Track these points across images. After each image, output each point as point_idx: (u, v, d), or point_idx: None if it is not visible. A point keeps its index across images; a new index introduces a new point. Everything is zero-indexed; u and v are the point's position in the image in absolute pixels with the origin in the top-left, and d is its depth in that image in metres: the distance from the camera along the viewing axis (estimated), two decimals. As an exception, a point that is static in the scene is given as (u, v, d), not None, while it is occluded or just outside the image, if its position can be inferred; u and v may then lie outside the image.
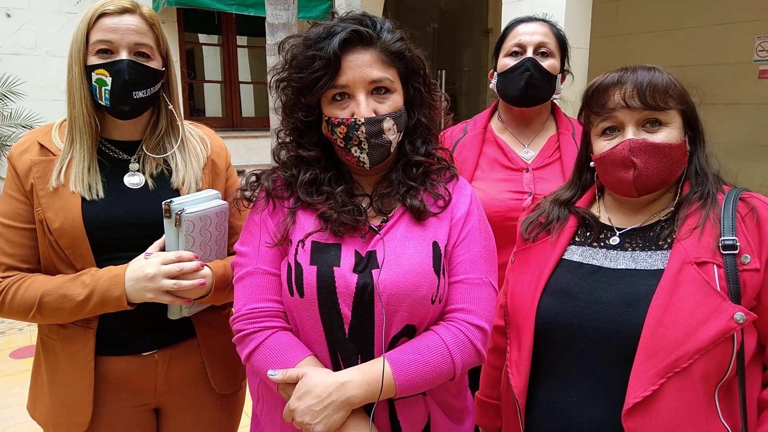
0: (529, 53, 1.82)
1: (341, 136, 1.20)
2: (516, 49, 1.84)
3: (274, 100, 1.31)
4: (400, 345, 1.17)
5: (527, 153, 1.89)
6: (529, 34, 1.82)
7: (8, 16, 5.54)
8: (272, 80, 1.27)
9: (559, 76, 1.89)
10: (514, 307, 1.31)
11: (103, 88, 1.37)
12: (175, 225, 1.35)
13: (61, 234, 1.35)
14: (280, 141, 1.32)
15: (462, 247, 1.23)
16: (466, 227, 1.25)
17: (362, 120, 1.17)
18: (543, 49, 1.83)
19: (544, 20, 1.88)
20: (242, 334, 1.21)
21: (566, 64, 1.92)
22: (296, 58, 1.21)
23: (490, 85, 1.97)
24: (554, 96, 1.91)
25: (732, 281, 1.07)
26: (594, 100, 1.23)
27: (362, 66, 1.17)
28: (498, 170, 1.86)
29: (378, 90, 1.20)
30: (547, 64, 1.83)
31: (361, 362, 1.16)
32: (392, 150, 1.24)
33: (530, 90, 1.82)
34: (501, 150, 1.89)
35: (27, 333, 4.31)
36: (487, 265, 1.25)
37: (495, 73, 1.93)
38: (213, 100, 7.95)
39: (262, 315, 1.21)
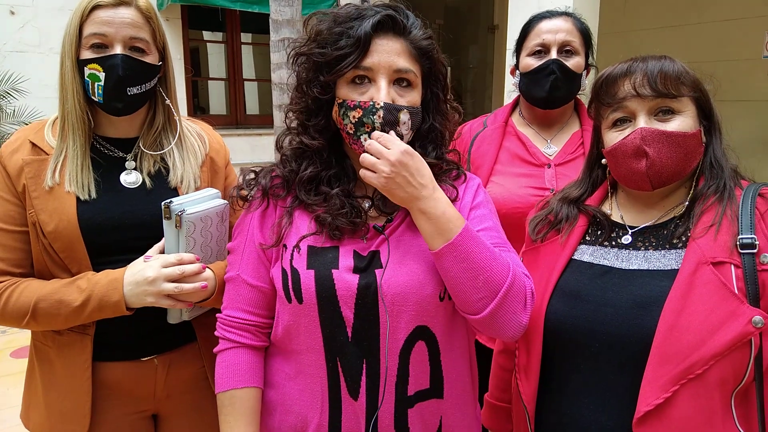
0: (553, 54, 1.76)
1: (353, 122, 1.15)
2: (539, 48, 1.78)
3: (277, 97, 1.28)
4: (414, 348, 1.14)
5: (549, 148, 1.83)
6: (553, 33, 1.76)
7: (12, 13, 5.54)
8: (291, 53, 1.24)
9: (584, 72, 1.83)
10: (523, 310, 1.27)
11: (95, 84, 1.33)
12: (176, 226, 1.31)
13: (56, 237, 1.31)
14: (287, 122, 1.28)
15: (473, 224, 1.17)
16: (474, 212, 1.22)
17: (381, 104, 1.13)
18: (567, 48, 1.77)
19: (566, 14, 1.82)
20: (218, 333, 1.26)
21: (591, 57, 1.86)
22: (321, 33, 1.17)
23: (512, 82, 1.91)
24: (578, 92, 1.86)
25: (750, 282, 1.04)
26: (603, 91, 1.20)
27: (390, 52, 1.15)
28: (518, 165, 1.81)
29: (400, 81, 1.17)
30: (572, 63, 1.77)
31: (367, 367, 1.12)
32: None
33: (555, 92, 1.77)
34: (522, 144, 1.84)
35: (28, 332, 4.27)
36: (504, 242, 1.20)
37: (517, 71, 1.87)
38: (217, 98, 7.94)
39: (232, 325, 1.23)
